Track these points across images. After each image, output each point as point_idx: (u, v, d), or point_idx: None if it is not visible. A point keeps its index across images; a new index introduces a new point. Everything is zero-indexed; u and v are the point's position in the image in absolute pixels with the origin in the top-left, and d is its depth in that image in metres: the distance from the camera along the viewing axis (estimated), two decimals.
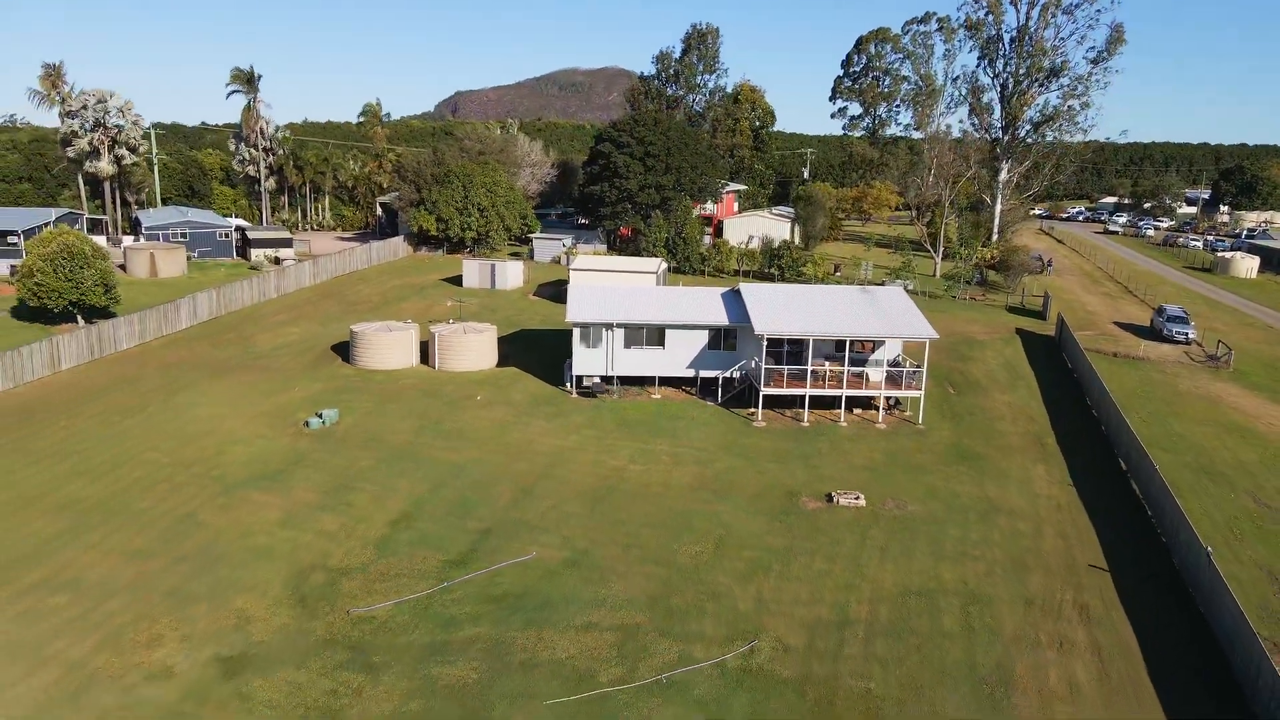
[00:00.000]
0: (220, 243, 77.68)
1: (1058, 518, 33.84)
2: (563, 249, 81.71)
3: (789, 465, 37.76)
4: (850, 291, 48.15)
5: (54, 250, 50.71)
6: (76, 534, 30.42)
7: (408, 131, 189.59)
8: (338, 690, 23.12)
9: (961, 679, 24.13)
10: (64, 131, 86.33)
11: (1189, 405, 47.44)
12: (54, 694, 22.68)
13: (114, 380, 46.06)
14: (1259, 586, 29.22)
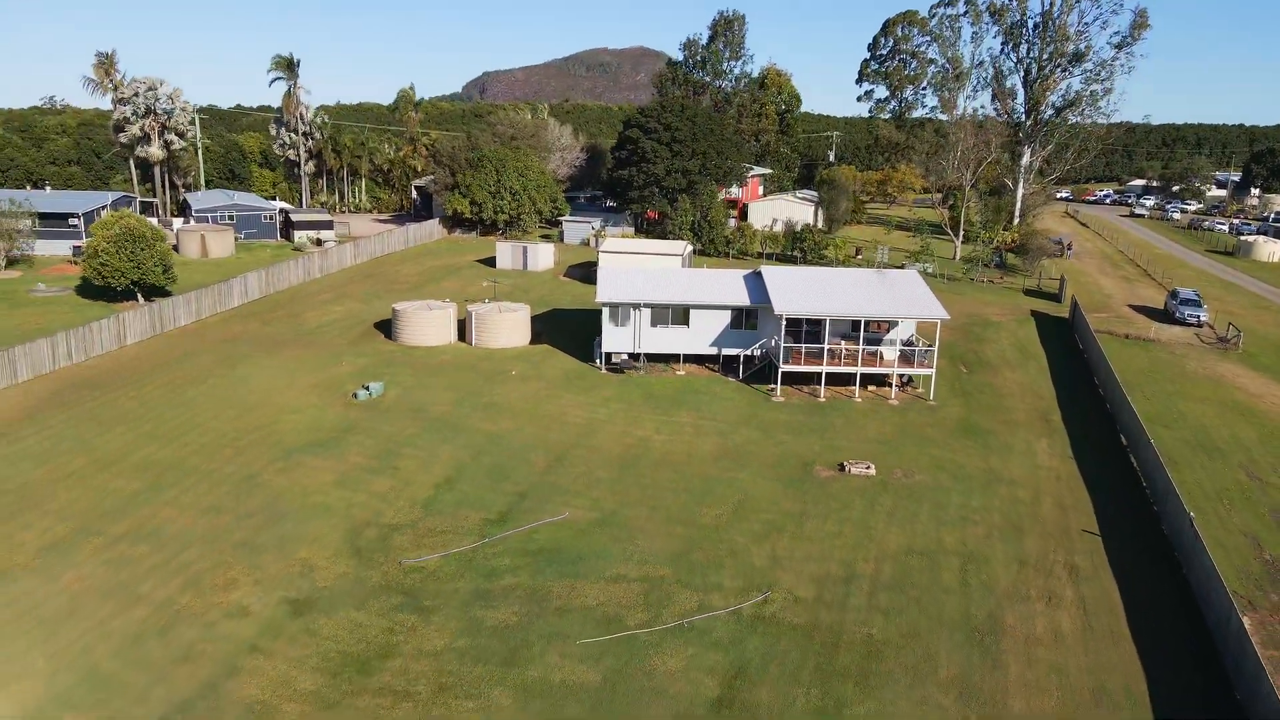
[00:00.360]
0: (265, 225, 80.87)
1: (1056, 487, 35.92)
2: (592, 232, 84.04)
3: (804, 437, 40.06)
4: (866, 274, 50.18)
5: (117, 232, 53.86)
6: (154, 492, 33.43)
7: (437, 114, 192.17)
8: (394, 629, 25.87)
9: (955, 627, 26.45)
10: (117, 118, 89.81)
11: (1194, 385, 49.08)
12: (146, 628, 25.62)
13: (176, 354, 49.19)
14: (1242, 551, 31.21)
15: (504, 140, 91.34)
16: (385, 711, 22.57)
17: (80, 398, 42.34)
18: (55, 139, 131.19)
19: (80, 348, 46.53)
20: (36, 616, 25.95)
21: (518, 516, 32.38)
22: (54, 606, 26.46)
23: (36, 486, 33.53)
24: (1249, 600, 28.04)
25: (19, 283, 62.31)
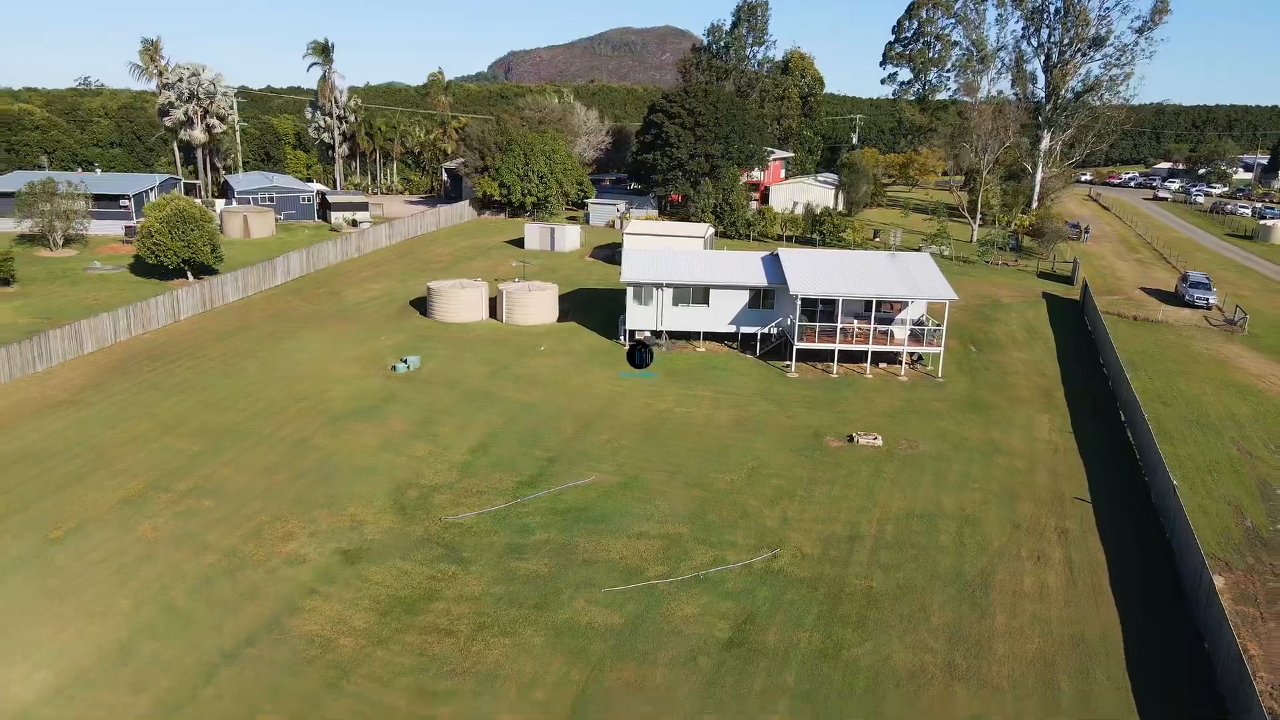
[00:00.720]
0: (303, 206, 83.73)
1: (1053, 459, 37.91)
2: (617, 214, 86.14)
3: (816, 410, 42.25)
4: (879, 256, 52.07)
5: (169, 213, 56.76)
6: (214, 453, 36.26)
7: (464, 95, 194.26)
8: (436, 576, 28.48)
9: (949, 582, 28.67)
10: (162, 103, 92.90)
11: (1197, 365, 50.63)
12: (215, 572, 28.40)
13: (226, 328, 52.09)
14: (1224, 518, 33.12)
15: (532, 124, 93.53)
16: (430, 646, 25.18)
17: (141, 368, 45.31)
18: (98, 121, 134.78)
19: (138, 322, 49.51)
20: (117, 561, 28.81)
21: (547, 479, 34.88)
22: (132, 553, 29.31)
23: (108, 448, 36.47)
24: (1226, 562, 30.03)
25: (76, 261, 65.54)
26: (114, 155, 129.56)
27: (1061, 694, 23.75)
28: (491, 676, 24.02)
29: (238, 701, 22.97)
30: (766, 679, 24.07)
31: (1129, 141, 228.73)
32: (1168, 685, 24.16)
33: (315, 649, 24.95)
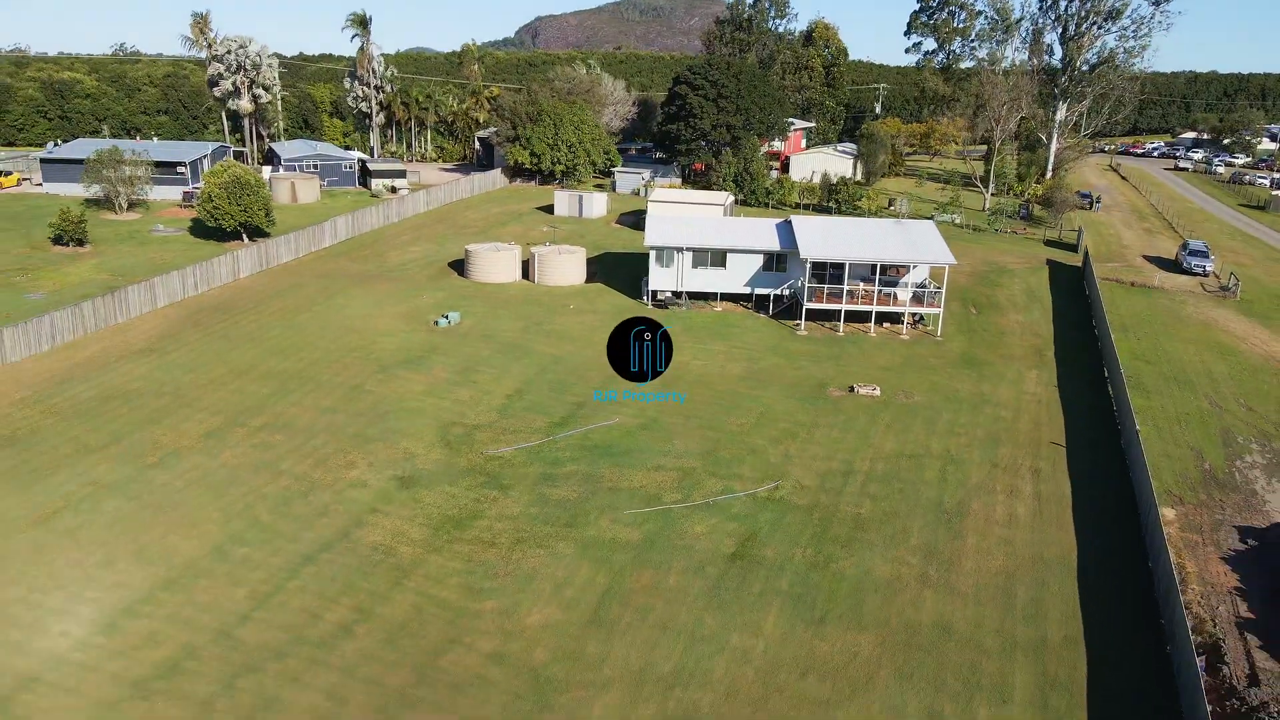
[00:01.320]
0: (345, 173, 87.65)
1: (1036, 409, 41.28)
2: (642, 182, 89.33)
3: (822, 364, 45.80)
4: (886, 223, 55.17)
5: (227, 180, 60.85)
6: (281, 395, 40.53)
7: (493, 63, 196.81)
8: (480, 499, 32.57)
9: (929, 510, 32.35)
10: (211, 74, 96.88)
11: (1185, 328, 53.47)
12: (290, 493, 32.65)
13: (282, 286, 56.31)
14: (1185, 461, 36.45)
15: (560, 95, 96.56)
16: (476, 554, 29.31)
17: (210, 320, 49.65)
18: (145, 89, 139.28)
19: (204, 279, 53.81)
20: (207, 483, 33.15)
21: (576, 421, 38.79)
22: (218, 477, 33.65)
23: (188, 389, 40.84)
24: (1179, 497, 33.44)
25: (140, 224, 69.98)
26: (161, 123, 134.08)
27: (1017, 600, 27.46)
28: (529, 578, 28.11)
29: (317, 595, 27.22)
30: (764, 584, 27.98)
31: (1157, 110, 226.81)
32: (1112, 595, 27.78)
33: (379, 555, 29.16)
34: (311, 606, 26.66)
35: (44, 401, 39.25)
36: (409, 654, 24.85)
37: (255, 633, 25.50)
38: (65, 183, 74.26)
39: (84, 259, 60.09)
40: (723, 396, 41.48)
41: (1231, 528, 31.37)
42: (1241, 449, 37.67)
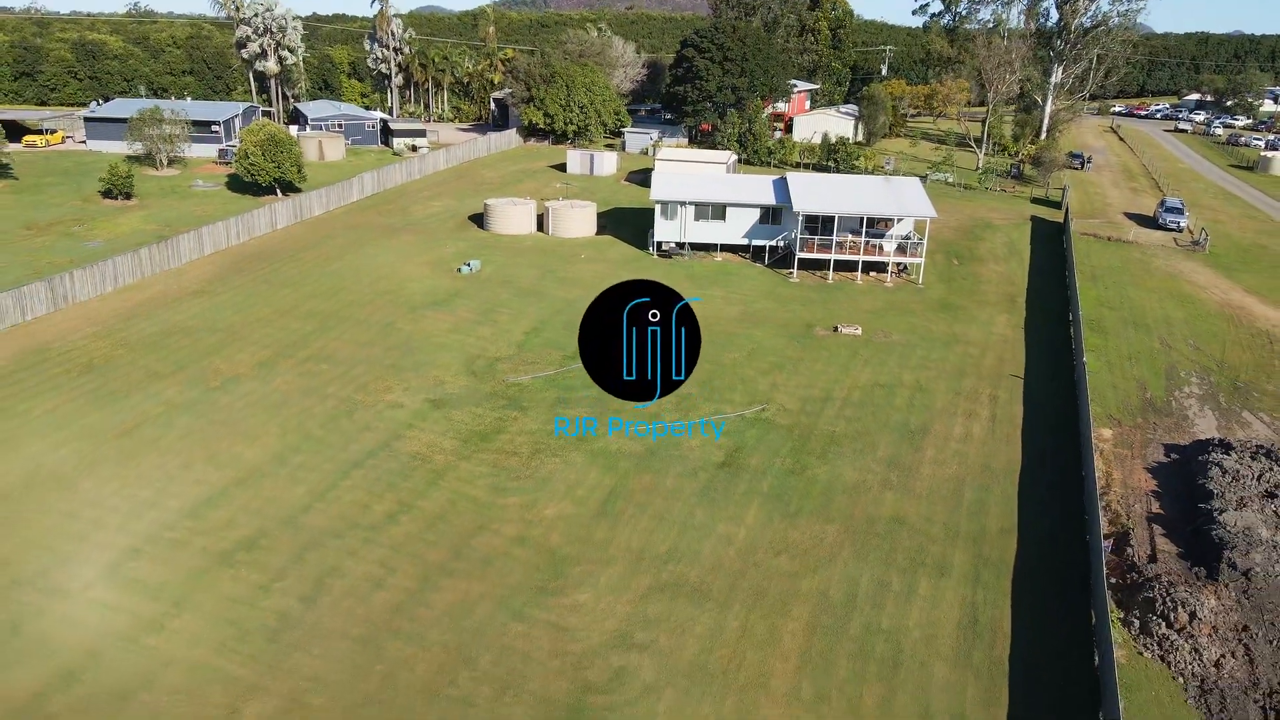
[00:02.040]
0: (368, 132, 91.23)
1: (1002, 347, 45.25)
2: (650, 142, 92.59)
3: (810, 307, 49.78)
4: (874, 180, 58.73)
5: (262, 138, 64.71)
6: (322, 331, 44.86)
7: (506, 24, 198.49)
8: (503, 418, 36.92)
9: (895, 429, 36.54)
10: (239, 36, 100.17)
11: (1151, 278, 57.05)
12: (337, 412, 37.07)
13: (316, 237, 60.45)
14: (1129, 391, 40.44)
15: (573, 57, 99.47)
16: (500, 461, 33.72)
17: (253, 266, 53.92)
18: (170, 51, 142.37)
19: (245, 230, 57.98)
20: (264, 404, 37.60)
21: None
22: (273, 399, 38.08)
23: (239, 326, 45.22)
24: (1119, 420, 37.51)
25: (180, 179, 74.01)
26: (186, 83, 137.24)
27: (963, 500, 31.74)
28: (546, 480, 32.53)
29: (366, 492, 31.72)
30: (748, 485, 32.33)
31: (1166, 72, 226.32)
32: (1046, 497, 32.01)
33: (417, 461, 33.62)
34: (361, 500, 31.18)
35: (113, 335, 43.71)
36: (445, 536, 29.37)
37: (316, 519, 30.05)
38: (108, 140, 78.19)
39: (132, 211, 64.30)
40: (719, 335, 45.55)
41: (1159, 445, 35.46)
42: (1182, 381, 41.62)
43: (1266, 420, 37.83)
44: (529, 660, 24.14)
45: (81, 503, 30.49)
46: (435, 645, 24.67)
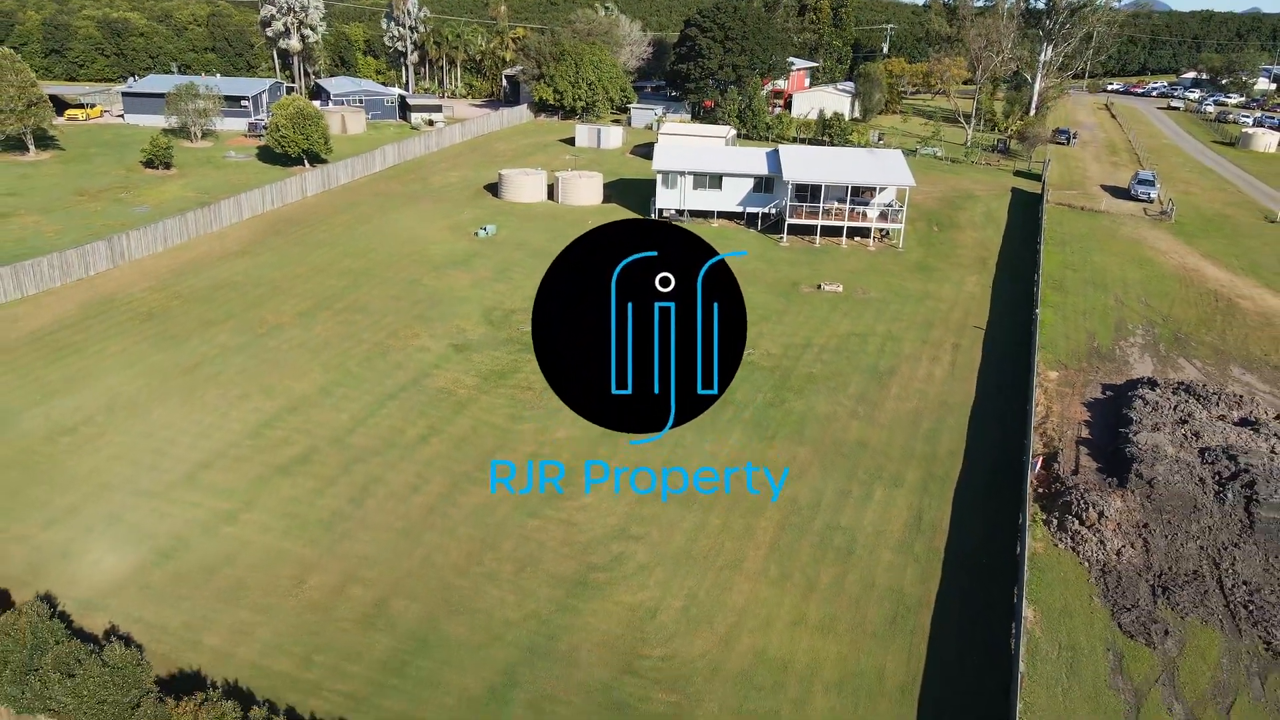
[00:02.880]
0: (387, 107, 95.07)
1: (969, 303, 49.38)
2: (655, 117, 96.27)
3: (798, 268, 53.90)
4: (859, 152, 62.56)
5: (292, 112, 68.75)
6: (355, 287, 49.21)
7: (517, 2, 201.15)
8: (518, 360, 41.30)
9: (866, 371, 40.81)
10: (264, 15, 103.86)
11: (1116, 244, 60.93)
12: (371, 354, 41.52)
13: (343, 203, 64.68)
14: (1079, 341, 44.54)
15: (581, 36, 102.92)
16: (516, 395, 38.13)
17: (288, 230, 58.25)
18: (193, 28, 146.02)
19: (278, 196, 62.22)
20: (307, 347, 42.04)
21: None
22: (315, 343, 42.51)
23: (280, 281, 49.61)
24: (1065, 364, 41.69)
25: (213, 151, 78.17)
26: (208, 59, 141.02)
27: (920, 429, 36.05)
28: (556, 410, 36.86)
29: (399, 418, 36.19)
30: (732, 415, 36.67)
31: (1167, 50, 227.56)
32: (992, 426, 36.27)
33: (443, 394, 38.06)
34: (397, 425, 35.67)
35: (168, 289, 48.17)
36: (470, 453, 33.85)
37: (359, 440, 34.56)
38: (144, 114, 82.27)
39: (173, 180, 68.58)
40: None
41: (1098, 384, 39.66)
42: (1129, 333, 45.73)
43: (1198, 365, 41.98)
44: (543, 547, 28.66)
45: (155, 426, 35.04)
46: (464, 536, 29.21)
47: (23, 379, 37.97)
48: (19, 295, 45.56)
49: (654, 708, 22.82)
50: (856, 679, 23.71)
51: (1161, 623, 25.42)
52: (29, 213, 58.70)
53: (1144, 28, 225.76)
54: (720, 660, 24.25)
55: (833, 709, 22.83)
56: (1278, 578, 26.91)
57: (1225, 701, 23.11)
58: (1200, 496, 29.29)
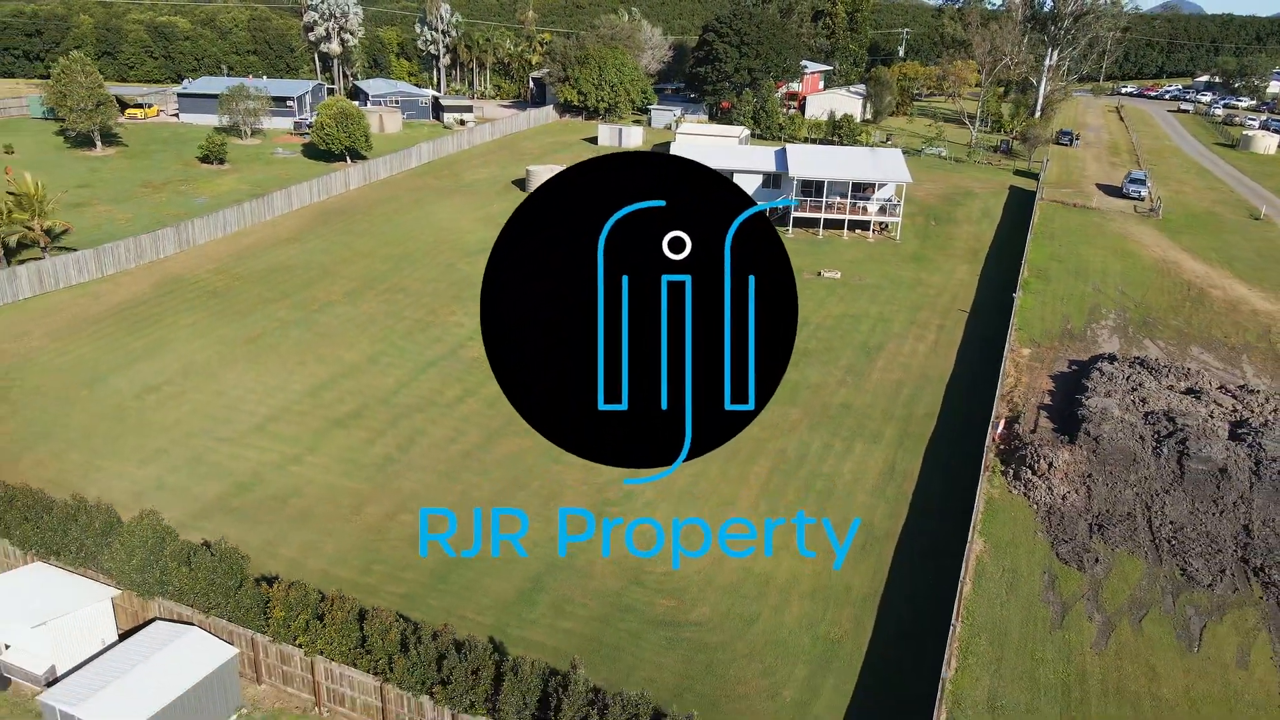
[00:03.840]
0: (420, 108, 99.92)
1: (957, 289, 53.21)
2: (673, 118, 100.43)
3: (800, 257, 57.87)
4: (861, 151, 66.46)
5: (336, 112, 73.62)
6: (396, 270, 53.85)
7: (543, 5, 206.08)
8: None
9: (856, 347, 44.83)
10: (306, 20, 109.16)
11: (1102, 238, 64.37)
12: (413, 329, 46.07)
13: (383, 196, 69.44)
14: (1054, 323, 48.27)
15: (605, 40, 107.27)
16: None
17: (334, 220, 63.05)
18: (236, 32, 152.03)
19: (324, 189, 67.06)
20: (355, 322, 46.67)
21: None
22: (362, 319, 47.13)
23: (328, 265, 54.32)
24: (1039, 343, 45.51)
25: (261, 148, 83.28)
26: (251, 62, 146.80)
27: (901, 395, 40.04)
28: None
29: (439, 382, 40.68)
30: None
31: (1185, 54, 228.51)
32: (967, 394, 40.17)
33: (476, 364, 42.48)
34: (437, 388, 40.16)
35: (228, 271, 53.03)
36: (501, 411, 38.15)
37: (403, 399, 39.07)
38: (197, 113, 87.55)
39: (227, 174, 73.67)
40: None
41: (1066, 360, 43.44)
42: (1101, 316, 49.40)
43: (1161, 345, 45.63)
44: (564, 485, 33.01)
45: (226, 386, 39.77)
46: (497, 477, 33.62)
47: (111, 346, 42.89)
48: (100, 275, 50.57)
49: (656, 610, 27.07)
50: (827, 591, 27.85)
51: (1093, 552, 29.35)
52: (102, 203, 63.92)
53: (1163, 31, 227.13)
54: (712, 575, 28.48)
55: (806, 613, 26.99)
56: (1201, 519, 30.73)
57: (1139, 614, 27.03)
58: (1140, 451, 33.14)
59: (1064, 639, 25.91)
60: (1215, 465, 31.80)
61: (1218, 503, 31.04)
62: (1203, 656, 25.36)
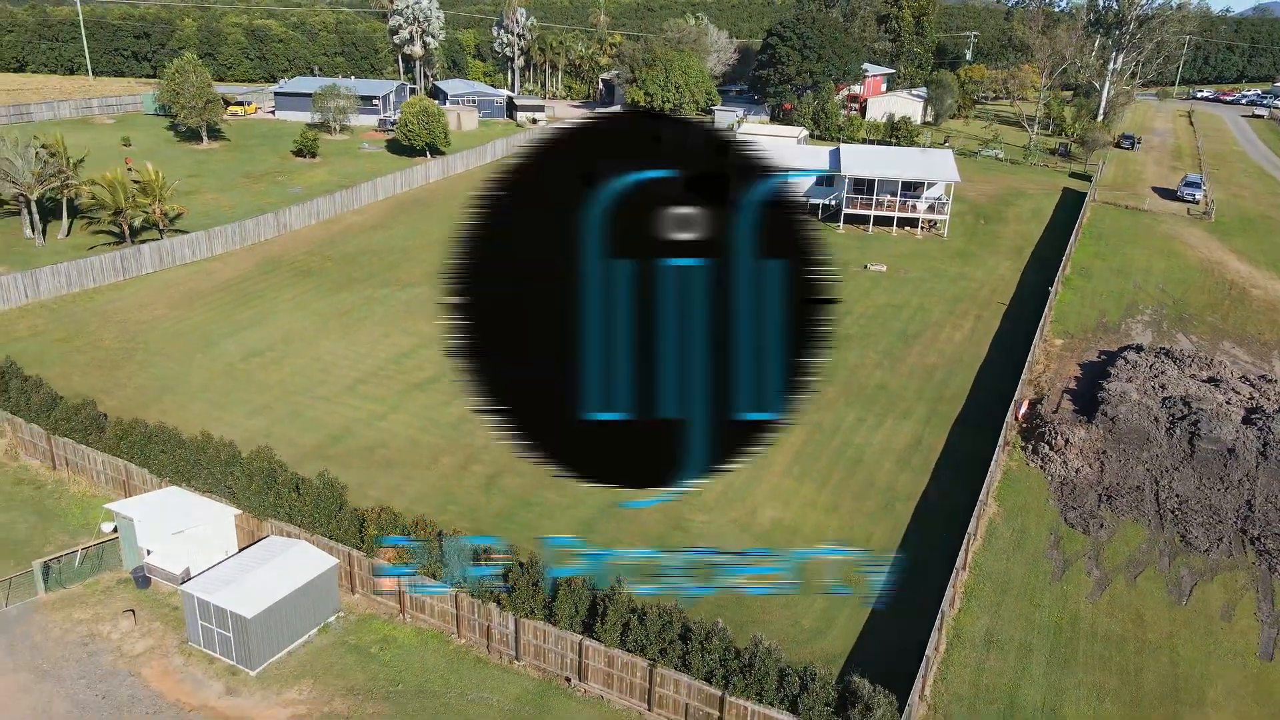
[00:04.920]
0: (496, 107, 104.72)
1: (997, 283, 55.12)
2: (735, 118, 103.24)
3: (850, 251, 60.38)
4: (912, 151, 68.48)
5: (418, 110, 78.55)
6: None
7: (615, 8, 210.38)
8: None
9: (895, 334, 47.34)
10: (392, 24, 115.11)
11: (1150, 239, 65.26)
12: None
13: (461, 188, 73.93)
14: (1090, 317, 49.94)
15: (672, 44, 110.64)
16: None
17: (414, 208, 67.79)
18: (325, 34, 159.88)
19: (406, 181, 71.93)
20: (432, 301, 50.78)
21: None
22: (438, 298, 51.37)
23: (409, 249, 58.89)
24: (1072, 334, 47.35)
25: (349, 143, 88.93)
26: (337, 63, 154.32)
27: (934, 378, 42.52)
28: None
29: None
30: None
31: (1267, 58, 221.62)
32: (997, 377, 42.43)
33: None
34: None
35: (320, 253, 57.98)
36: None
37: None
38: (292, 111, 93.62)
39: (319, 167, 79.25)
40: None
41: (1097, 350, 45.27)
42: (1138, 311, 50.89)
43: (1193, 339, 47.06)
44: None
45: (322, 352, 44.33)
46: None
47: (220, 316, 47.95)
48: (210, 255, 55.95)
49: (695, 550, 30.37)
50: (849, 540, 30.79)
51: (1099, 518, 31.66)
52: (209, 191, 69.82)
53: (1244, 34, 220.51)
54: (747, 524, 31.67)
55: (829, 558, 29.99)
56: (1206, 494, 32.71)
57: (1135, 571, 29.32)
58: (1153, 431, 35.16)
59: (1062, 589, 28.40)
60: (1224, 445, 33.68)
61: (1224, 479, 32.96)
62: (1190, 609, 27.60)
